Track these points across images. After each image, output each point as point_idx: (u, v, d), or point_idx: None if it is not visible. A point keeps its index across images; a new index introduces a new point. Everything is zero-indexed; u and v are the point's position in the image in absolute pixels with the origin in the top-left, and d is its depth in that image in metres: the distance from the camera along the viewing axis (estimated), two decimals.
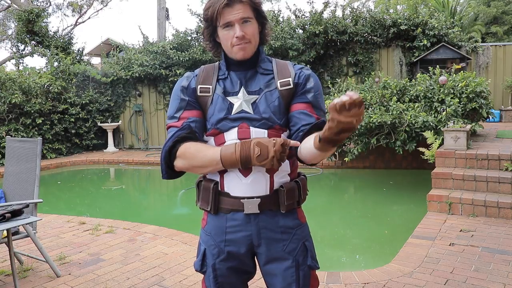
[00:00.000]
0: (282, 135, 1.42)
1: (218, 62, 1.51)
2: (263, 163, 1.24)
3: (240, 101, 1.41)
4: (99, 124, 11.56)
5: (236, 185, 1.40)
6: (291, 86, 1.43)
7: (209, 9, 1.38)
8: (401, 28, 10.00)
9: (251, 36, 1.39)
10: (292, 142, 1.26)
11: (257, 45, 1.44)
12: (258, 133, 1.39)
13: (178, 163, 1.40)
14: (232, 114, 1.40)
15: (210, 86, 1.45)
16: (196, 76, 1.49)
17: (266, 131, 1.39)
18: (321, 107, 1.45)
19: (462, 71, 7.09)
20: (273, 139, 1.23)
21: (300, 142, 1.36)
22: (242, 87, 1.43)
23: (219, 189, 1.43)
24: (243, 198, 1.39)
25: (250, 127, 1.39)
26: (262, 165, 1.25)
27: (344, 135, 1.11)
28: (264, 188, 1.39)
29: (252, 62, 1.44)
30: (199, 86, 1.46)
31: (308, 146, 1.30)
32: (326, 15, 10.47)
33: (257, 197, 1.39)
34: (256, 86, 1.44)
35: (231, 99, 1.42)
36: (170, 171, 1.44)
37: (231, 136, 1.40)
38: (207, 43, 1.48)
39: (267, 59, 1.49)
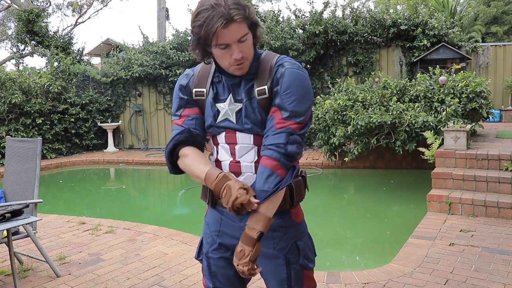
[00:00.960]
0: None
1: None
2: (224, 205, 1.28)
3: (225, 109, 1.42)
4: (99, 124, 11.56)
5: None
6: (267, 95, 1.36)
7: (201, 27, 1.27)
8: (401, 28, 9.99)
9: (248, 53, 1.34)
10: (254, 206, 1.27)
11: (252, 57, 1.38)
12: (244, 138, 1.41)
13: (180, 164, 1.46)
14: (217, 121, 1.43)
15: (204, 90, 1.45)
16: (192, 76, 1.49)
17: (252, 135, 1.41)
18: (286, 108, 1.32)
19: (462, 71, 7.10)
20: (239, 193, 1.24)
21: None
22: (230, 94, 1.42)
23: None
24: None
25: (236, 132, 1.41)
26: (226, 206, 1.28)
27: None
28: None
29: None
30: (194, 90, 1.47)
31: None
32: (326, 15, 10.46)
33: None
34: (240, 94, 1.41)
35: (218, 105, 1.43)
36: (175, 168, 1.49)
37: (221, 140, 1.45)
38: (196, 52, 1.39)
39: (255, 57, 1.41)
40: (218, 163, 1.47)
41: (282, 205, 1.40)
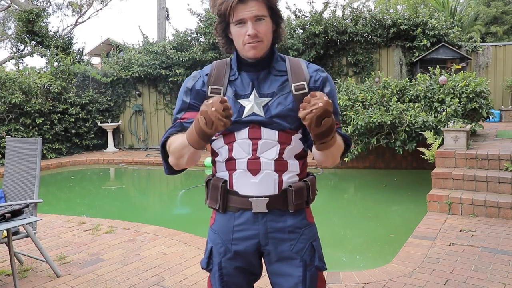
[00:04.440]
0: (293, 137, 1.40)
1: (230, 58, 1.48)
2: (213, 128, 1.18)
3: (251, 104, 1.39)
4: (99, 124, 11.56)
5: (245, 184, 1.39)
6: (306, 90, 1.39)
7: (222, 4, 1.35)
8: (401, 28, 9.99)
9: (264, 35, 1.36)
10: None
11: (269, 45, 1.40)
12: (269, 133, 1.38)
13: (170, 160, 1.40)
14: (243, 117, 1.39)
15: (222, 88, 1.42)
16: (206, 75, 1.46)
17: (277, 132, 1.38)
18: (337, 111, 1.43)
19: (462, 71, 7.09)
20: (209, 101, 1.16)
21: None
22: (254, 89, 1.41)
23: (228, 187, 1.42)
24: (252, 197, 1.39)
25: (261, 127, 1.38)
26: (216, 131, 1.19)
27: (325, 122, 1.16)
28: (272, 188, 1.38)
29: (265, 63, 1.41)
30: (210, 87, 1.43)
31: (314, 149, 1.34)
32: (326, 15, 10.46)
33: (266, 197, 1.38)
34: (269, 88, 1.41)
35: (242, 101, 1.40)
36: (170, 167, 1.44)
37: (242, 136, 1.39)
38: (219, 38, 1.45)
39: (280, 57, 1.46)
40: (231, 162, 1.41)
41: (299, 203, 1.41)
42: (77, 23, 21.30)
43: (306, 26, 10.33)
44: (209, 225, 1.52)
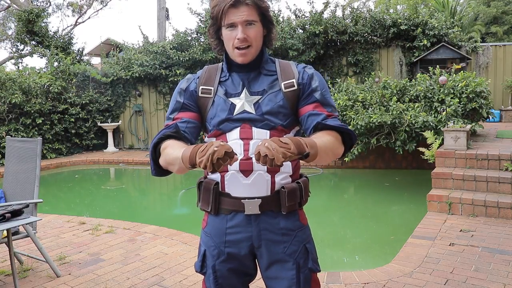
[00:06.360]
0: (284, 136, 1.40)
1: (221, 63, 1.52)
2: (200, 160, 1.13)
3: (242, 102, 1.41)
4: (99, 124, 11.56)
5: (237, 185, 1.38)
6: (295, 87, 1.43)
7: (215, 7, 1.38)
8: (401, 28, 9.99)
9: (253, 39, 1.39)
10: (235, 159, 1.15)
11: (259, 49, 1.43)
12: (260, 133, 1.38)
13: (160, 160, 1.38)
14: (234, 115, 1.40)
15: (212, 88, 1.45)
16: (198, 78, 1.50)
17: (268, 131, 1.39)
18: (329, 103, 1.45)
19: (462, 71, 7.09)
20: (217, 145, 1.11)
21: None
22: (245, 88, 1.43)
23: (220, 189, 1.41)
24: (244, 198, 1.38)
25: (252, 127, 1.39)
26: (200, 164, 1.14)
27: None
28: (265, 189, 1.38)
29: (255, 64, 1.44)
30: (200, 87, 1.47)
31: None
32: (326, 15, 10.46)
33: (258, 198, 1.37)
34: (259, 86, 1.43)
35: (233, 100, 1.42)
36: (157, 168, 1.42)
37: (233, 136, 1.39)
38: (212, 40, 1.48)
39: (270, 59, 1.49)
40: None
41: (292, 205, 1.40)
42: (77, 23, 21.31)
43: (306, 26, 10.33)
44: (202, 228, 1.51)
